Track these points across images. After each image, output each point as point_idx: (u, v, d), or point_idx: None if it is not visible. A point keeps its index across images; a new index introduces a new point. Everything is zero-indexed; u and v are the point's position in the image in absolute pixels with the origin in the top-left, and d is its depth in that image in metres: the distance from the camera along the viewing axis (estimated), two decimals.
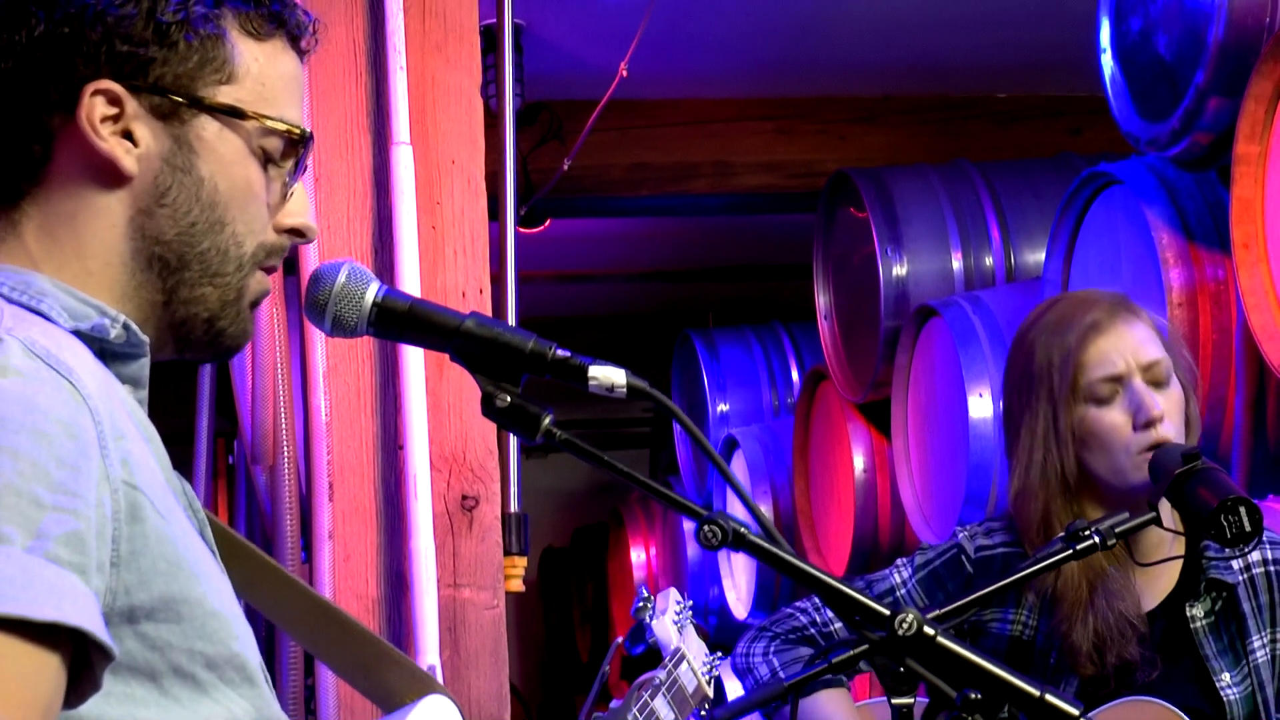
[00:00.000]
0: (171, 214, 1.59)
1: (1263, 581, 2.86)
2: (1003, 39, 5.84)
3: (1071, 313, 2.88)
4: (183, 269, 1.60)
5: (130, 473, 1.46)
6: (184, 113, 1.59)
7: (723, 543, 1.63)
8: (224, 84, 1.60)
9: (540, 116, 6.03)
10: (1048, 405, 2.84)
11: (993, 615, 2.88)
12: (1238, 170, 3.61)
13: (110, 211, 1.59)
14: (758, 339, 7.40)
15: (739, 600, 7.08)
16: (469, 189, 3.42)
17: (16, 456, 1.37)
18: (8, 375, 1.41)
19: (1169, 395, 2.83)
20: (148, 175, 1.59)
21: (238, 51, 1.61)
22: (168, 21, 1.58)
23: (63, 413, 1.42)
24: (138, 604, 1.45)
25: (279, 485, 3.30)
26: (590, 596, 10.63)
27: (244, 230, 1.63)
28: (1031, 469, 2.85)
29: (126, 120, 1.58)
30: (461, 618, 3.34)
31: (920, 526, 5.22)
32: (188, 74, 1.59)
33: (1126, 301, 2.90)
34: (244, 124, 1.61)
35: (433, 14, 3.44)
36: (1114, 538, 2.55)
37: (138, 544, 1.45)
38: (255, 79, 1.62)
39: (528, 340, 1.71)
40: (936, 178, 5.49)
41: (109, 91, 1.57)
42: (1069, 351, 2.83)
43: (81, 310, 1.56)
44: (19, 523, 1.35)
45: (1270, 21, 3.57)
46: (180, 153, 1.59)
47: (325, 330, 1.73)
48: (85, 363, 1.49)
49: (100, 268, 1.59)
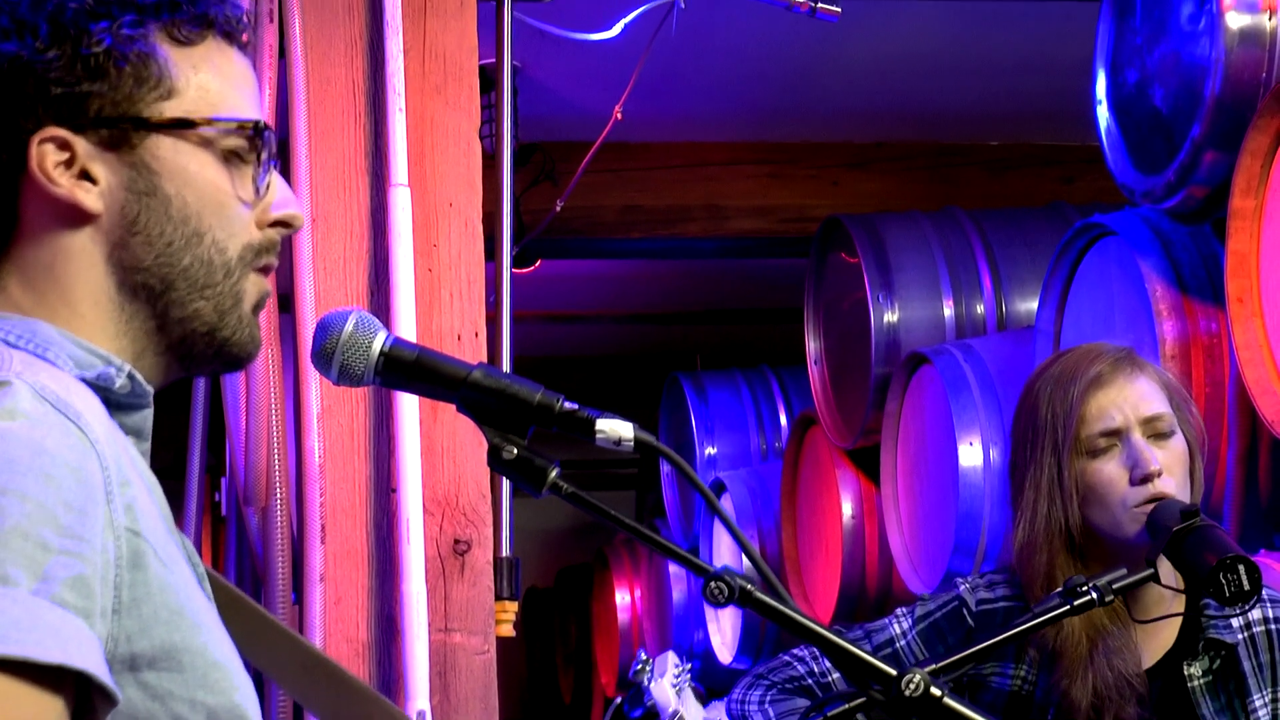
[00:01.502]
0: (145, 240, 1.58)
1: (1263, 640, 2.85)
2: (995, 87, 5.86)
3: (1075, 365, 2.88)
4: (168, 290, 1.59)
5: (134, 520, 1.45)
6: (133, 138, 1.58)
7: (729, 600, 1.62)
8: (165, 100, 1.59)
9: (533, 157, 6.04)
10: (1052, 458, 2.83)
11: (992, 669, 2.87)
12: (1233, 224, 3.61)
13: (86, 253, 1.58)
14: (746, 383, 7.40)
15: (724, 645, 7.06)
16: (466, 232, 3.42)
17: (24, 499, 1.37)
18: (16, 418, 1.41)
19: (1170, 450, 2.83)
20: (114, 208, 1.58)
21: (171, 64, 1.59)
22: (95, 53, 1.56)
23: (70, 457, 1.41)
24: (139, 652, 1.44)
25: (271, 527, 3.28)
26: (574, 638, 10.60)
27: (224, 235, 1.61)
28: (1035, 522, 2.84)
29: (80, 161, 1.57)
30: (452, 663, 3.32)
31: (908, 574, 5.21)
32: (127, 99, 1.57)
33: (1132, 355, 2.90)
34: (195, 132, 1.60)
35: (433, 56, 3.44)
36: (1112, 594, 2.54)
37: (139, 591, 1.44)
38: (196, 86, 1.60)
39: (535, 392, 1.70)
40: (929, 225, 5.49)
41: (55, 137, 1.56)
42: (1071, 405, 2.83)
43: (87, 359, 1.55)
44: (25, 565, 1.35)
45: (1267, 77, 3.58)
46: (141, 177, 1.58)
47: (332, 379, 1.72)
48: (93, 408, 1.49)
49: (90, 309, 1.58)
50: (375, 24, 3.39)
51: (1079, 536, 2.83)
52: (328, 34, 3.40)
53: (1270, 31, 3.59)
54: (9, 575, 1.34)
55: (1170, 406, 2.86)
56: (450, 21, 3.45)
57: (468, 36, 3.46)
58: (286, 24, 3.33)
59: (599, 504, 1.69)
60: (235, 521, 3.55)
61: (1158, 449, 2.82)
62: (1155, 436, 2.83)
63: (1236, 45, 3.59)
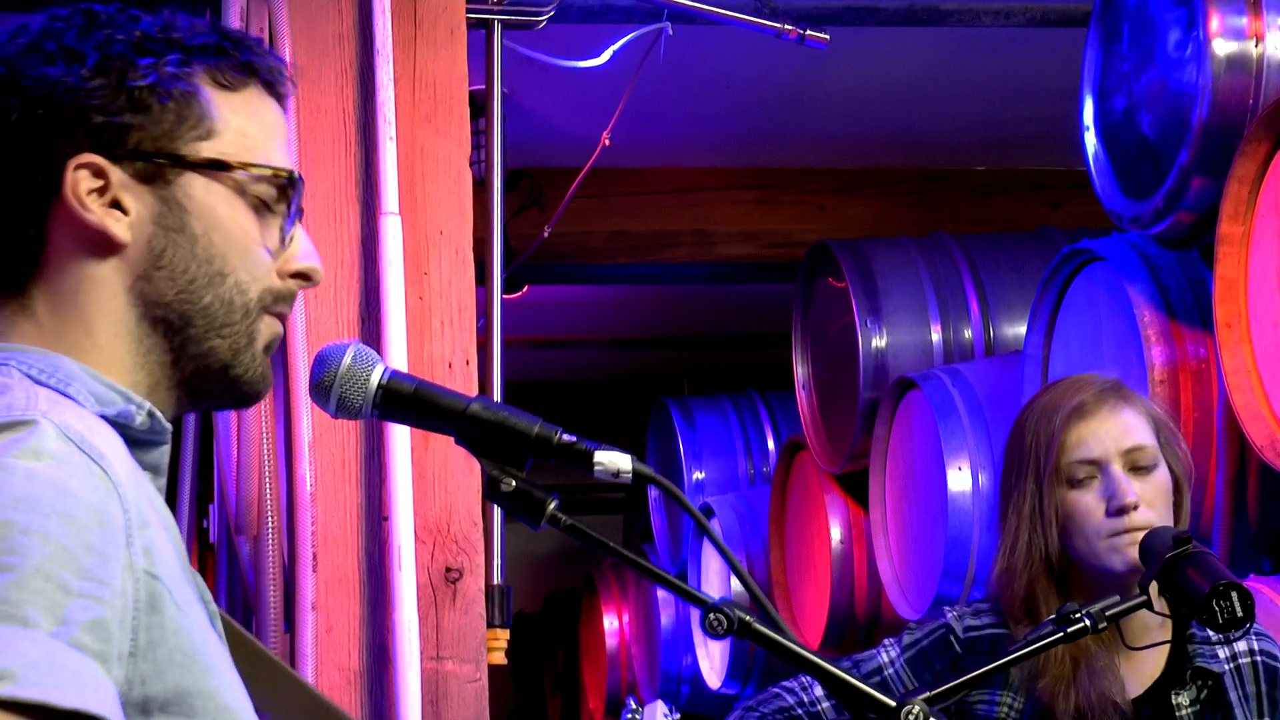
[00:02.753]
0: (169, 275, 1.59)
1: (1249, 671, 2.86)
2: (982, 113, 5.88)
3: (1061, 395, 2.90)
4: (186, 326, 1.60)
5: (152, 563, 1.45)
6: (168, 173, 1.59)
7: (728, 631, 1.62)
8: (204, 140, 1.60)
9: (521, 183, 6.04)
10: (1033, 485, 2.86)
11: (980, 697, 2.87)
12: (1221, 250, 3.63)
13: (110, 282, 1.59)
14: (734, 408, 7.40)
15: (713, 670, 7.06)
16: (457, 260, 3.43)
17: (46, 540, 1.37)
18: (42, 459, 1.41)
19: (1151, 482, 2.84)
20: (141, 240, 1.59)
21: (213, 106, 1.61)
22: (139, 86, 1.58)
23: (93, 499, 1.42)
24: (152, 695, 1.44)
25: (263, 556, 3.28)
26: (561, 662, 10.59)
27: (247, 278, 1.62)
28: (1016, 549, 2.86)
29: (113, 190, 1.58)
30: (444, 690, 3.32)
31: (897, 599, 5.22)
32: (166, 135, 1.59)
33: (1119, 387, 2.92)
34: (229, 175, 1.61)
35: (423, 84, 3.45)
36: (1105, 621, 2.54)
37: (155, 635, 1.44)
38: (235, 130, 1.62)
39: (533, 424, 1.70)
40: (916, 250, 5.51)
41: (91, 164, 1.57)
42: (1053, 433, 2.85)
43: (108, 396, 1.56)
44: (45, 607, 1.35)
45: (1254, 103, 3.60)
46: (170, 213, 1.59)
47: (330, 412, 1.72)
48: (116, 449, 1.49)
49: (109, 340, 1.59)
50: (366, 53, 3.40)
51: (1058, 564, 2.85)
52: (318, 62, 3.41)
53: (1256, 58, 3.61)
54: (29, 617, 1.34)
55: (1155, 439, 2.87)
56: (440, 50, 3.46)
57: (458, 65, 3.47)
58: (278, 52, 3.33)
59: (599, 537, 1.69)
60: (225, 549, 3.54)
61: (1137, 481, 2.83)
62: (1136, 469, 2.84)
63: (1223, 72, 3.61)
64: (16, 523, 1.37)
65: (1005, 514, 2.90)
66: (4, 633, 1.32)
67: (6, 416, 1.44)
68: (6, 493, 1.38)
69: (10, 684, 1.30)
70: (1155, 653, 2.86)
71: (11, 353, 1.55)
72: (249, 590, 3.33)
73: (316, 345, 3.30)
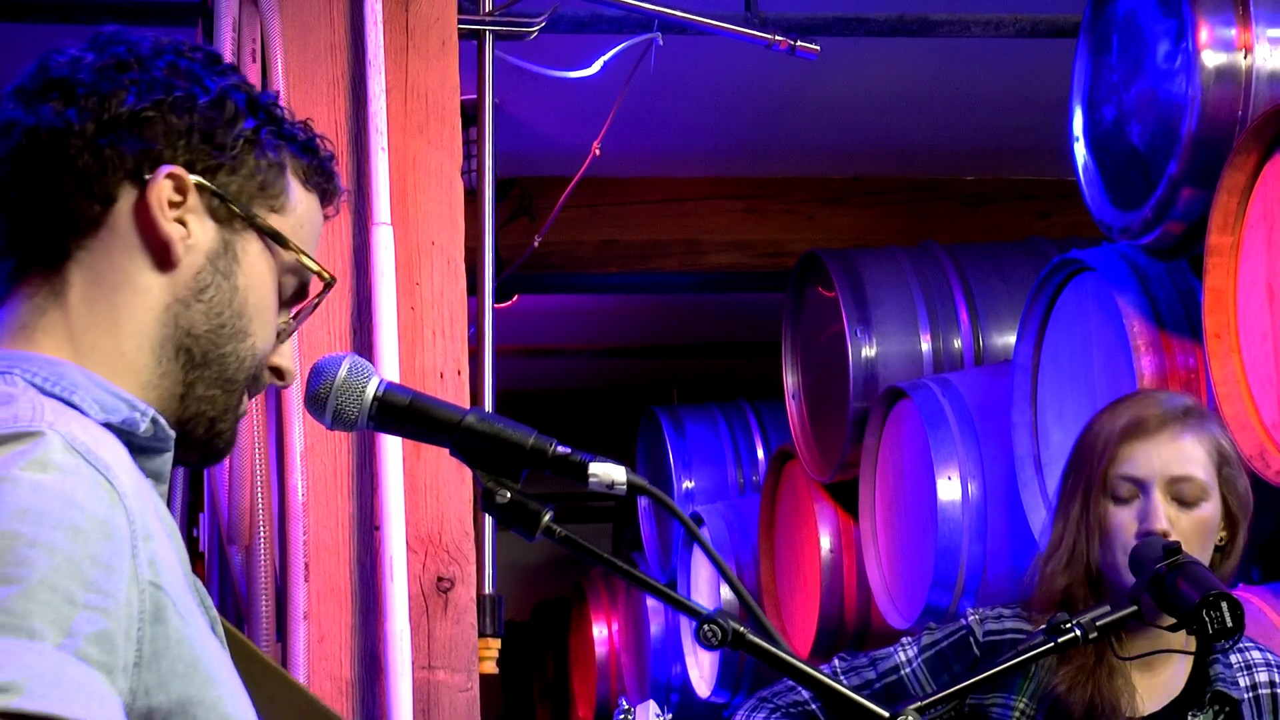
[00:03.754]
0: (206, 311, 1.63)
1: (1268, 703, 2.85)
2: (971, 123, 5.90)
3: (1128, 407, 2.88)
4: (205, 366, 1.64)
5: (157, 574, 1.46)
6: (237, 223, 1.64)
7: (722, 642, 1.63)
8: (275, 212, 1.67)
9: (511, 193, 6.05)
10: (1083, 493, 2.86)
11: (995, 700, 2.87)
12: (1210, 261, 3.64)
13: (150, 293, 1.62)
14: (724, 417, 7.41)
15: (702, 679, 7.06)
16: (448, 270, 3.43)
17: (53, 552, 1.38)
18: (48, 470, 1.42)
19: (1192, 516, 2.80)
20: (191, 268, 1.62)
21: (291, 188, 1.69)
22: (244, 137, 1.64)
23: (99, 510, 1.43)
24: (155, 705, 1.45)
25: (254, 565, 3.28)
26: (551, 671, 10.59)
27: (262, 346, 1.68)
28: (1060, 551, 2.86)
29: (185, 210, 1.62)
30: (435, 700, 3.32)
31: (887, 608, 5.22)
32: (248, 191, 1.65)
33: (1190, 412, 2.87)
34: (283, 252, 1.68)
35: (415, 95, 3.45)
36: (1095, 631, 2.55)
37: (159, 645, 1.45)
38: (297, 218, 1.69)
39: (528, 437, 1.71)
40: (906, 259, 5.52)
41: (181, 178, 1.61)
42: (1108, 444, 2.84)
43: (112, 404, 1.57)
44: (52, 619, 1.36)
45: (1243, 115, 3.61)
46: (224, 258, 1.64)
47: (326, 424, 1.73)
48: (121, 460, 1.50)
49: (133, 349, 1.61)
50: (358, 63, 3.40)
51: (1093, 573, 2.84)
52: (310, 73, 3.41)
53: (1246, 69, 3.62)
54: (35, 629, 1.34)
55: (1212, 474, 2.83)
56: (432, 61, 3.46)
57: (450, 76, 3.47)
58: (269, 63, 3.34)
59: (594, 548, 1.70)
60: (216, 558, 3.54)
61: (1176, 512, 2.80)
62: (1179, 500, 2.81)
63: (1213, 83, 3.62)
64: (23, 535, 1.37)
65: (1058, 514, 2.91)
66: (10, 645, 1.33)
67: (13, 427, 1.45)
68: (13, 504, 1.39)
69: (17, 696, 1.31)
70: (1176, 672, 2.86)
71: (15, 360, 1.56)
72: (241, 600, 3.33)
73: (308, 355, 3.30)
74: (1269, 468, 3.49)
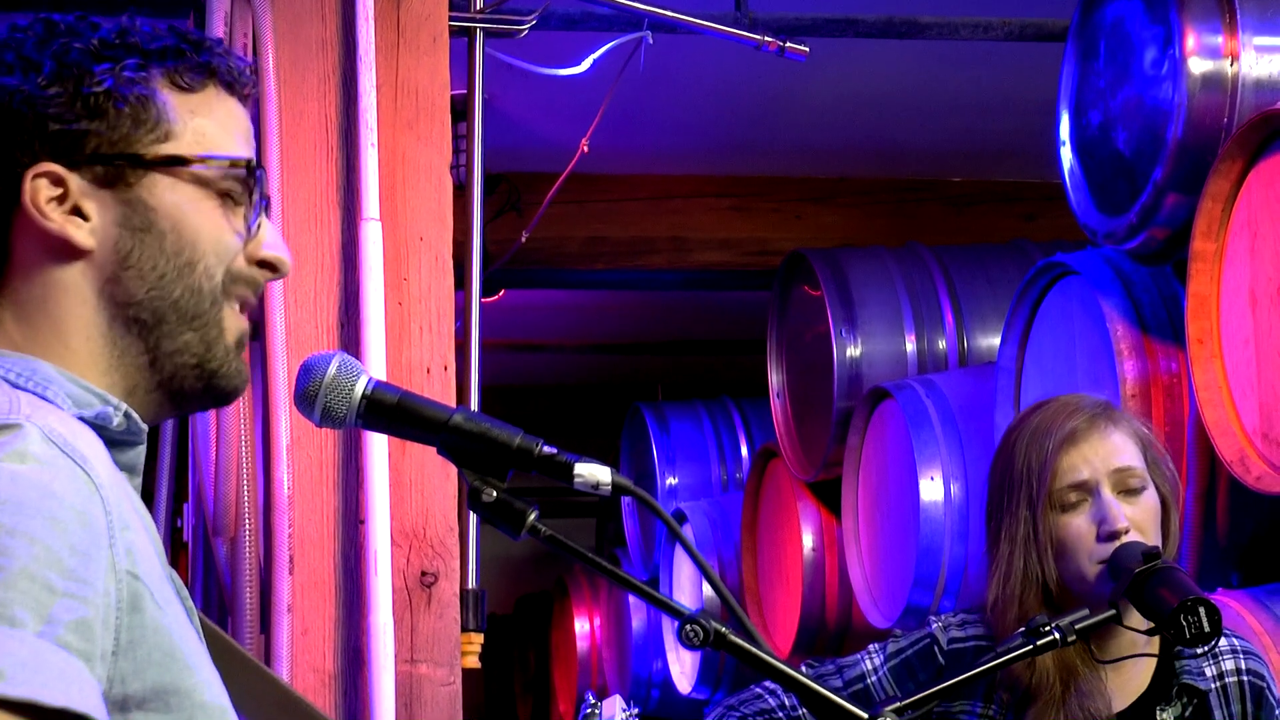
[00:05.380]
0: (138, 274, 1.61)
1: (1235, 690, 2.87)
2: (958, 125, 5.92)
3: (1052, 419, 2.89)
4: (160, 323, 1.62)
5: (134, 563, 1.48)
6: (129, 175, 1.61)
7: (704, 643, 1.65)
8: (162, 142, 1.62)
9: (499, 188, 6.06)
10: (1026, 511, 2.84)
11: (961, 707, 2.88)
12: (1194, 266, 3.66)
13: (78, 288, 1.61)
14: (708, 414, 7.43)
15: (683, 674, 7.08)
16: (436, 266, 3.44)
17: (33, 542, 1.39)
18: (27, 461, 1.44)
19: (1140, 505, 2.84)
20: (107, 244, 1.61)
21: (170, 108, 1.63)
22: (95, 93, 1.59)
23: (76, 501, 1.44)
24: (131, 693, 1.47)
25: (239, 557, 3.29)
26: (533, 665, 10.60)
27: (215, 262, 1.64)
28: (1011, 575, 2.84)
29: (73, 197, 1.60)
30: (418, 694, 3.33)
31: (868, 607, 5.24)
32: (124, 139, 1.61)
33: (1109, 409, 2.91)
34: (188, 170, 1.63)
35: (405, 91, 3.46)
36: (1074, 634, 2.57)
37: (136, 634, 1.47)
38: (194, 130, 1.64)
39: (515, 436, 1.73)
40: (891, 260, 5.54)
41: (50, 173, 1.59)
42: (1045, 459, 2.84)
43: (85, 398, 1.58)
44: (32, 607, 1.37)
45: (1228, 122, 3.63)
46: (135, 214, 1.61)
47: (315, 421, 1.74)
48: (98, 452, 1.52)
49: (82, 344, 1.61)
50: (349, 59, 3.41)
51: (1055, 589, 2.84)
52: (301, 68, 3.42)
53: (1232, 77, 3.64)
54: (16, 617, 1.36)
55: (1143, 461, 2.87)
56: (423, 58, 3.47)
57: (440, 73, 3.48)
58: (260, 57, 3.35)
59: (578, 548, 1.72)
60: (201, 549, 3.55)
61: (1127, 504, 2.82)
62: (1125, 492, 2.83)
63: (1199, 90, 3.64)
64: (2, 524, 1.39)
65: (996, 539, 2.89)
66: None
67: None
68: None
69: None
70: (1141, 669, 2.87)
71: None
72: (225, 591, 3.35)
73: (296, 349, 3.32)
74: (1249, 473, 3.51)
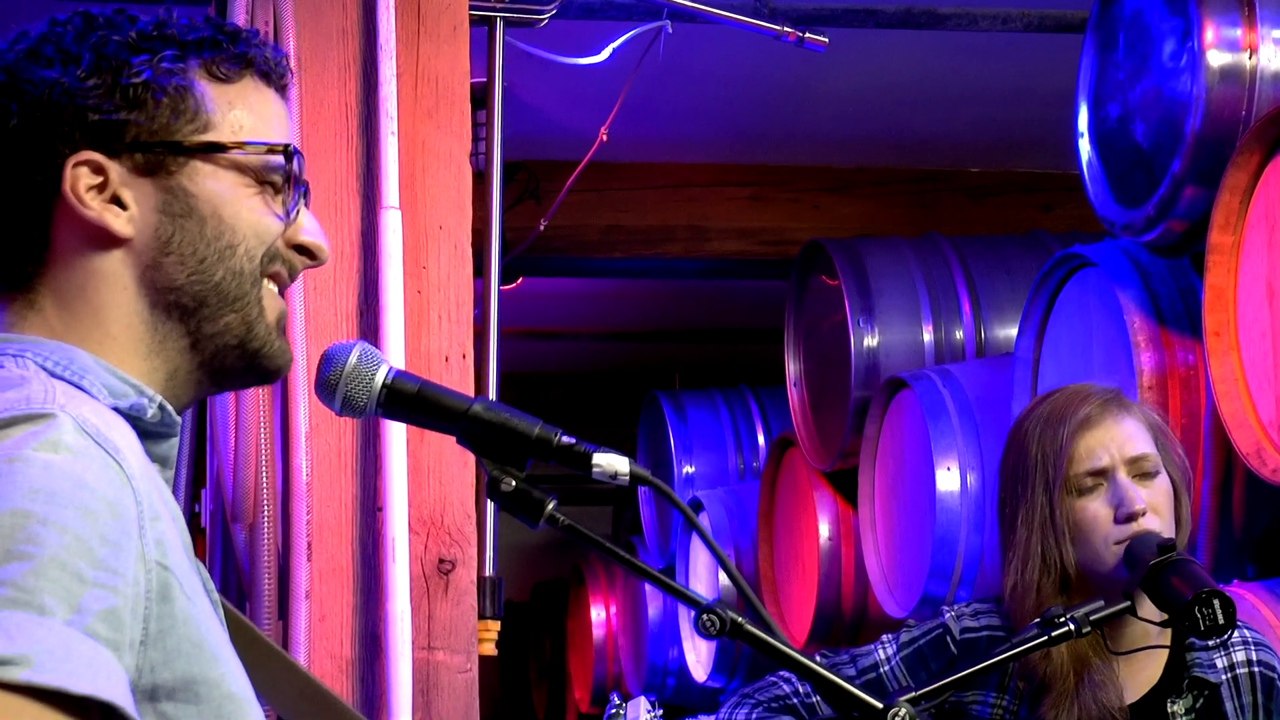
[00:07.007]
0: (179, 259, 1.63)
1: (1246, 682, 2.89)
2: (976, 115, 5.91)
3: (1065, 406, 2.91)
4: (201, 307, 1.65)
5: (163, 554, 1.49)
6: (169, 163, 1.63)
7: (720, 632, 1.66)
8: (200, 132, 1.65)
9: (517, 176, 6.07)
10: (1043, 497, 2.87)
11: (974, 698, 2.90)
12: (1211, 259, 3.66)
13: (117, 276, 1.63)
14: (725, 402, 7.43)
15: (699, 662, 7.09)
16: (455, 254, 3.45)
17: (64, 531, 1.41)
18: (60, 451, 1.45)
19: (1155, 489, 2.86)
20: (146, 231, 1.63)
21: (208, 99, 1.65)
22: (134, 83, 1.62)
23: (108, 491, 1.45)
24: (160, 683, 1.48)
25: (258, 544, 3.31)
26: (548, 653, 10.62)
27: (255, 243, 1.66)
28: (1029, 560, 2.86)
29: (112, 186, 1.62)
30: (435, 681, 3.35)
31: (884, 597, 5.25)
32: (163, 128, 1.63)
33: (1119, 396, 2.94)
34: (227, 156, 1.65)
35: (425, 80, 3.47)
36: (1089, 625, 2.57)
37: (165, 624, 1.48)
38: (232, 120, 1.66)
39: (534, 426, 1.74)
40: (909, 250, 5.54)
41: (90, 161, 1.62)
42: (1061, 445, 2.86)
43: (121, 388, 1.59)
44: (61, 596, 1.39)
45: (1246, 115, 3.63)
46: (176, 200, 1.63)
47: (335, 410, 1.75)
48: (130, 443, 1.53)
49: (122, 330, 1.63)
50: (369, 48, 3.42)
51: (1073, 575, 2.86)
52: (322, 57, 3.43)
53: (1250, 70, 3.64)
54: (46, 605, 1.38)
55: (1155, 447, 2.90)
56: (443, 47, 3.48)
57: (460, 62, 3.49)
58: (281, 46, 3.36)
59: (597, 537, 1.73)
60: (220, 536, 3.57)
61: (1143, 488, 2.85)
62: (1140, 476, 2.86)
63: (1217, 83, 3.64)
64: (35, 513, 1.40)
65: (1012, 526, 2.90)
66: (21, 620, 1.36)
67: (25, 409, 1.48)
68: (25, 484, 1.42)
69: (27, 669, 1.34)
70: (1153, 661, 2.89)
71: (26, 344, 1.59)
72: (244, 578, 3.36)
73: (315, 337, 3.33)
74: (1265, 465, 3.52)
